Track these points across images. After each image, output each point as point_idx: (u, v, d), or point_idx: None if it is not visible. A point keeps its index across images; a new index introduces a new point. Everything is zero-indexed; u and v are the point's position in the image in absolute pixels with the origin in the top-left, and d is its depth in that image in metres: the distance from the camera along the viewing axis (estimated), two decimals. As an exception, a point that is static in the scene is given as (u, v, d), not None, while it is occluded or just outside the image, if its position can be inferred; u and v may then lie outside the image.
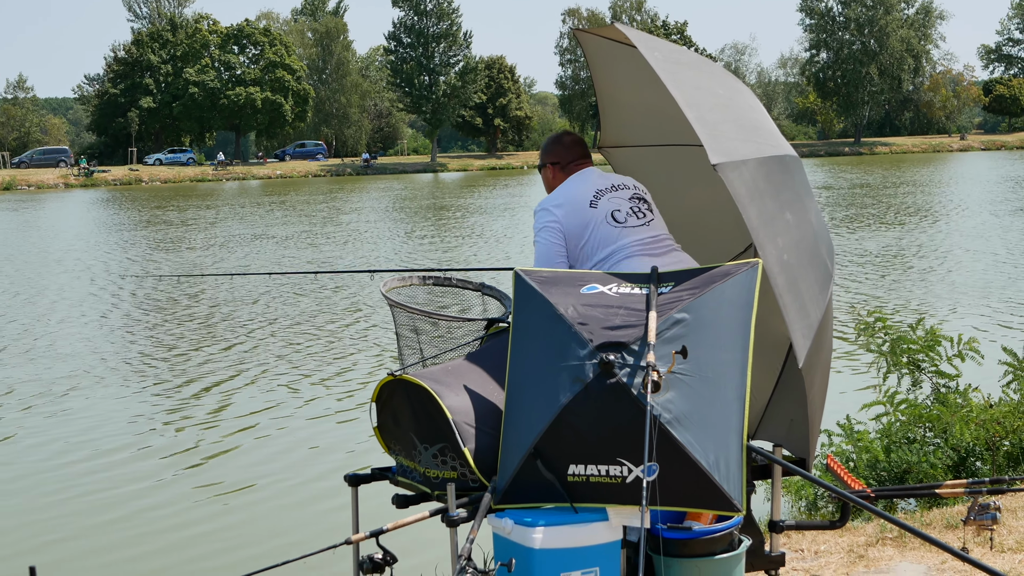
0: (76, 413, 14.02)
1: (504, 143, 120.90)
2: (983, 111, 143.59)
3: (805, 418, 5.12)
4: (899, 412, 8.32)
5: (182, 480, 11.38)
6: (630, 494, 4.27)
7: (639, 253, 5.14)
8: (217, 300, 23.44)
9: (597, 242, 5.18)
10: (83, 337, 19.28)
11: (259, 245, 34.80)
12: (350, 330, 19.24)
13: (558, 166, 5.56)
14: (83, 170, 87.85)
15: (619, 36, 5.57)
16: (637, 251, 5.15)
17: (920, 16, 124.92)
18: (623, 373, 4.30)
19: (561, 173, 5.54)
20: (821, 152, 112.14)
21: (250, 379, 15.59)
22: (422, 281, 5.63)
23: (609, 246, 5.16)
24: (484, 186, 71.82)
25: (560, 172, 5.54)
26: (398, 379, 4.85)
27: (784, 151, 5.09)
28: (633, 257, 5.12)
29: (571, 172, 5.50)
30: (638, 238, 5.19)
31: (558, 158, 5.58)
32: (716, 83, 5.30)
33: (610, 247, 5.16)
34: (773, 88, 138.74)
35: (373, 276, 6.94)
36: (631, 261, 5.10)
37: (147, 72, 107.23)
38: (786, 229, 4.81)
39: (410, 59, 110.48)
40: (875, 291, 21.46)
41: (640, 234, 5.21)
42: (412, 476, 4.92)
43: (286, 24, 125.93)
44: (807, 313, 4.76)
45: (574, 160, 5.55)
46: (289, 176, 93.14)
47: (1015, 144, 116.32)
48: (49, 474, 11.70)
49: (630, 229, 5.20)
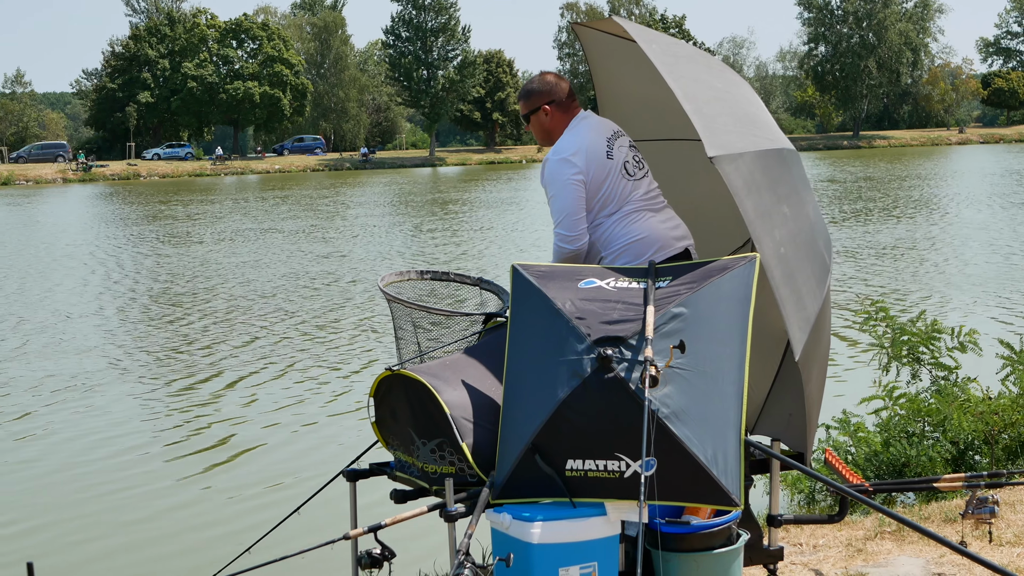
0: (86, 410, 14.01)
1: (503, 137, 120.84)
2: (981, 104, 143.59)
3: (803, 412, 5.12)
4: (898, 406, 8.31)
5: (177, 474, 11.36)
6: (628, 489, 4.27)
7: (644, 208, 5.21)
8: (210, 296, 23.43)
9: (613, 195, 5.18)
10: (95, 333, 19.28)
11: (270, 239, 34.78)
12: (348, 324, 19.22)
13: (555, 104, 5.40)
14: (81, 165, 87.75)
15: (617, 30, 5.56)
16: (643, 205, 5.21)
17: (918, 9, 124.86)
18: (621, 368, 4.30)
19: (560, 113, 5.40)
20: (820, 146, 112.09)
21: (247, 375, 15.57)
22: (420, 276, 5.62)
23: (622, 200, 5.19)
24: (486, 180, 71.80)
25: (559, 112, 5.40)
26: (396, 374, 4.85)
27: (781, 144, 5.09)
28: (641, 212, 5.18)
29: (571, 112, 5.40)
30: (642, 192, 5.25)
31: (554, 95, 5.41)
32: (714, 76, 5.30)
33: (622, 201, 5.19)
34: (771, 82, 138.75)
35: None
36: (640, 216, 5.17)
37: (145, 67, 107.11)
38: (783, 222, 4.81)
39: (408, 53, 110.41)
40: (883, 283, 21.42)
41: (643, 187, 5.27)
42: (410, 471, 4.92)
43: (284, 18, 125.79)
44: (804, 306, 4.76)
45: (572, 99, 5.44)
46: (288, 171, 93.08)
47: (1014, 137, 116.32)
48: (45, 476, 11.70)
49: (637, 182, 5.25)
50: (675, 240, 5.18)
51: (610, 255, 5.16)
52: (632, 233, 5.13)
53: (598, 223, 5.19)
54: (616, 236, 5.16)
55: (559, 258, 5.17)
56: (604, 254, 5.18)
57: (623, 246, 5.14)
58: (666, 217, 5.25)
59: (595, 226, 5.20)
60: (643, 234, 5.13)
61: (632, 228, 5.14)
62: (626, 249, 5.13)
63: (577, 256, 5.18)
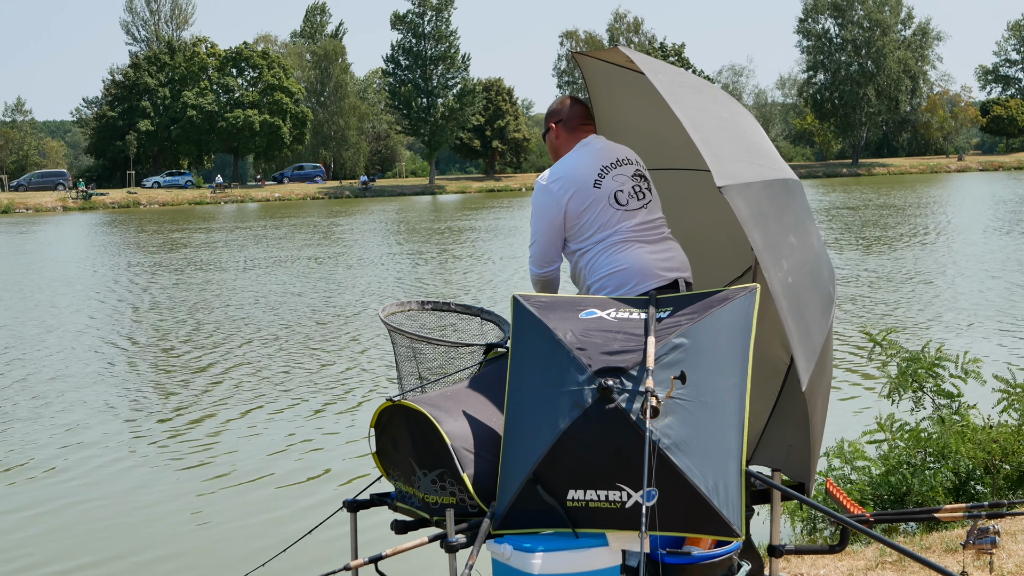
0: (76, 445, 14.00)
1: (502, 165, 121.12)
2: (980, 132, 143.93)
3: (804, 442, 5.11)
4: (899, 438, 8.29)
5: (176, 503, 11.34)
6: (629, 519, 4.27)
7: (634, 239, 5.22)
8: (211, 325, 23.44)
9: (597, 222, 5.23)
10: (95, 361, 19.28)
11: (270, 268, 34.85)
12: (349, 354, 19.22)
13: (562, 124, 5.52)
14: (81, 193, 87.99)
15: (621, 59, 5.58)
16: (633, 236, 5.22)
17: (917, 37, 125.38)
18: (622, 398, 4.30)
19: (566, 133, 5.50)
20: (819, 173, 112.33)
21: (246, 404, 15.56)
22: (421, 307, 5.63)
23: (608, 228, 5.23)
24: (485, 208, 71.89)
25: (565, 132, 5.51)
26: (397, 404, 4.85)
27: (786, 175, 5.11)
28: (629, 243, 5.20)
29: (576, 135, 5.48)
30: (636, 222, 5.26)
31: (562, 116, 5.54)
32: (719, 106, 5.31)
33: (609, 229, 5.22)
34: (770, 109, 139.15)
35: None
36: (627, 246, 5.19)
37: (145, 95, 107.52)
38: (790, 252, 4.81)
39: (408, 81, 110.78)
40: (889, 309, 21.43)
41: (638, 217, 5.28)
42: (411, 502, 4.92)
43: (284, 47, 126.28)
44: (810, 336, 4.75)
45: (580, 122, 5.52)
46: (288, 199, 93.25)
47: (1012, 165, 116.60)
48: (37, 514, 11.69)
49: (630, 212, 5.26)
50: (663, 271, 5.19)
51: (594, 284, 5.23)
52: (614, 263, 5.18)
53: (585, 250, 5.27)
54: (600, 265, 5.22)
55: (532, 280, 5.42)
56: (589, 282, 5.26)
57: (605, 275, 5.20)
58: (660, 248, 5.26)
59: (581, 253, 5.29)
60: (625, 265, 5.17)
61: (615, 258, 5.19)
62: (608, 278, 5.19)
63: (548, 281, 5.39)
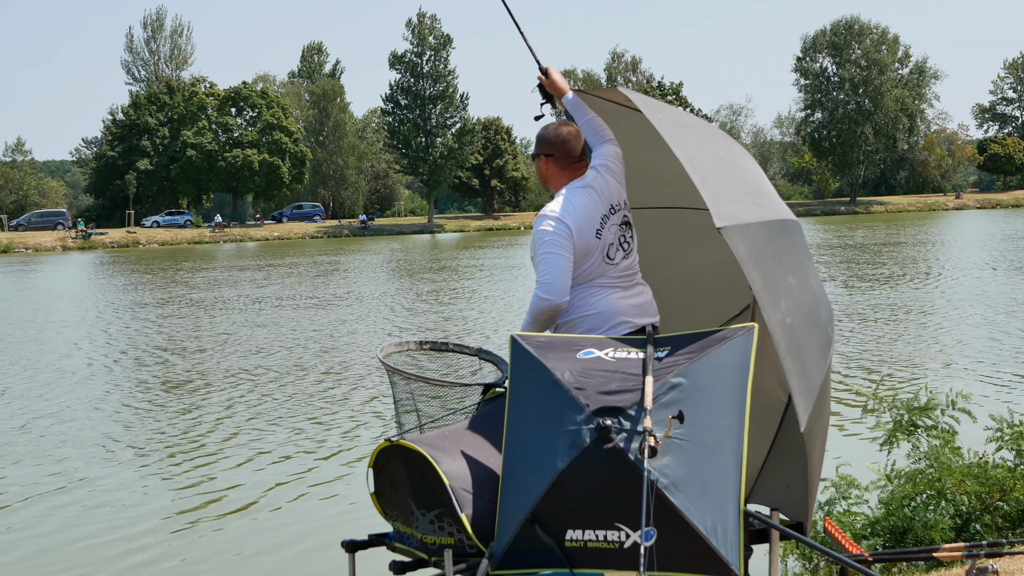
0: (79, 482, 13.98)
1: (501, 204, 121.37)
2: (978, 170, 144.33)
3: (802, 482, 5.11)
4: (898, 485, 8.26)
5: (174, 543, 11.31)
6: (628, 559, 4.27)
7: (611, 285, 5.34)
8: (209, 364, 23.44)
9: (588, 270, 5.30)
10: (94, 398, 19.27)
11: (268, 307, 34.89)
12: (347, 395, 19.20)
13: (553, 159, 5.45)
14: (81, 232, 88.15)
15: (620, 98, 5.60)
16: (611, 283, 5.34)
17: (914, 76, 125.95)
18: (620, 438, 4.30)
19: (557, 170, 5.44)
20: (817, 211, 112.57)
21: (246, 444, 15.54)
22: (419, 347, 5.64)
23: (594, 275, 5.31)
24: (484, 246, 72.00)
25: (556, 168, 5.44)
26: (395, 445, 4.85)
27: (785, 215, 5.12)
28: (606, 288, 5.32)
29: (569, 172, 5.42)
30: (616, 271, 5.37)
31: (554, 150, 5.45)
32: (717, 146, 5.34)
33: (595, 276, 5.31)
34: (768, 148, 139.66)
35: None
36: (604, 291, 5.31)
37: (145, 135, 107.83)
38: (788, 292, 4.82)
39: (407, 121, 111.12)
40: (891, 344, 21.45)
41: (620, 268, 5.39)
42: (409, 542, 4.91)
43: (283, 86, 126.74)
44: (809, 377, 4.75)
45: (573, 160, 5.45)
46: (287, 237, 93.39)
47: (1010, 203, 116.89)
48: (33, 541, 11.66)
49: (614, 265, 5.37)
50: (634, 316, 5.31)
51: (569, 322, 5.29)
52: (590, 306, 5.27)
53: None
54: (576, 305, 5.28)
55: (536, 311, 5.16)
56: (561, 320, 5.29)
57: (580, 317, 5.27)
58: (633, 293, 5.40)
59: None
60: (599, 309, 5.27)
61: (590, 301, 5.28)
62: (583, 320, 5.27)
63: (555, 311, 5.18)
